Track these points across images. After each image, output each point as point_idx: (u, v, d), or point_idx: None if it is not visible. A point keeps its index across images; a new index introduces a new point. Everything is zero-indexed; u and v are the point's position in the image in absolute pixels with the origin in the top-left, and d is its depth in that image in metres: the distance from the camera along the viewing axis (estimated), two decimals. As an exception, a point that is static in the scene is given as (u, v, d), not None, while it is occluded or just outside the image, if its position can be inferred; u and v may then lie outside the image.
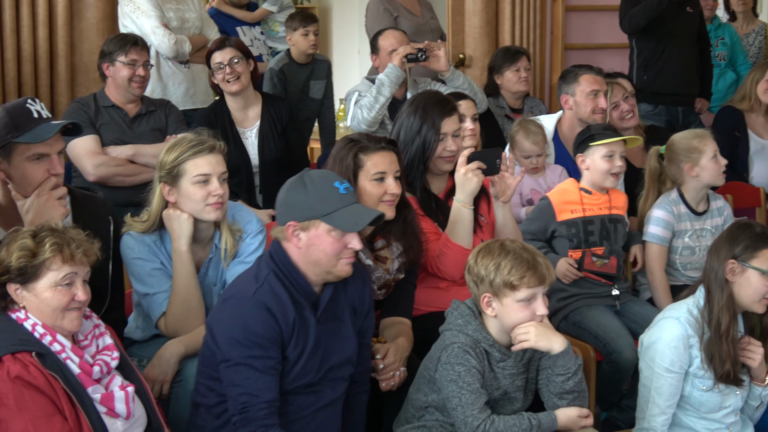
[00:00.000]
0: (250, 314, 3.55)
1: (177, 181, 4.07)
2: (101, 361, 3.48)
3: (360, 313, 3.81)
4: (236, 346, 3.54)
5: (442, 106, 4.70)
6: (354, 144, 4.22)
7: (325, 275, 3.63)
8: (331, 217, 3.57)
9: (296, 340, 3.60)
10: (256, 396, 3.52)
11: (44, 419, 3.23)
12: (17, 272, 3.38)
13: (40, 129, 3.89)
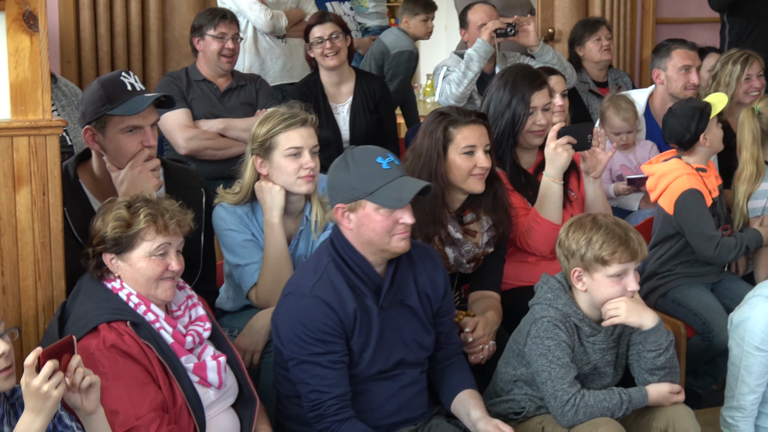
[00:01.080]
0: (308, 311, 3.54)
1: (269, 154, 4.10)
2: (194, 332, 3.52)
3: (435, 297, 3.77)
4: (299, 343, 3.54)
5: (532, 79, 4.67)
6: (444, 117, 4.20)
7: (381, 254, 3.60)
8: (376, 195, 3.53)
9: (359, 331, 3.58)
10: (325, 392, 3.52)
11: (138, 387, 3.28)
12: (112, 242, 3.43)
13: (133, 101, 3.94)
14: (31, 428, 2.91)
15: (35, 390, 2.88)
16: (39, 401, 2.89)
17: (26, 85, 3.52)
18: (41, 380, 2.87)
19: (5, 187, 3.52)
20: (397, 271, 3.66)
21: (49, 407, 2.91)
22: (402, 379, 3.68)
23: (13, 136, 3.52)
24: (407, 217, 3.54)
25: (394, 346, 3.65)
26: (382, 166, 3.54)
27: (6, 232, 3.54)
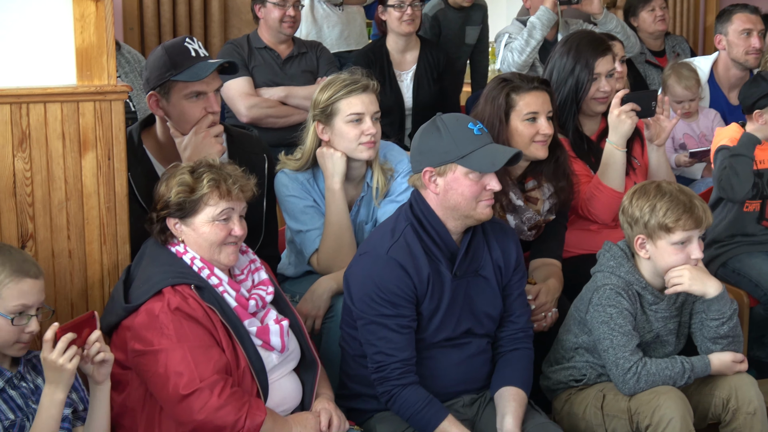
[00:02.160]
0: (383, 271, 3.55)
1: (330, 120, 4.11)
2: (257, 296, 3.55)
3: (506, 270, 3.76)
4: (369, 303, 3.55)
5: (596, 45, 4.63)
6: (506, 83, 4.18)
7: (464, 220, 3.60)
8: (467, 159, 3.52)
9: (431, 296, 3.59)
10: (390, 355, 3.53)
11: (202, 350, 3.31)
12: (176, 207, 3.45)
13: (197, 67, 3.95)
14: (54, 399, 3.06)
15: (52, 363, 3.02)
16: (56, 373, 3.03)
17: (92, 51, 3.55)
18: (56, 354, 3.01)
19: (71, 152, 3.55)
20: (472, 241, 3.66)
21: (65, 379, 3.05)
22: (468, 348, 3.69)
23: (78, 102, 3.54)
24: (495, 183, 3.54)
25: (463, 315, 3.65)
26: (473, 132, 3.55)
27: (72, 197, 3.58)
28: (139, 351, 3.31)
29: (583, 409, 3.77)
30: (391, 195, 4.22)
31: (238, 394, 3.29)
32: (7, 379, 3.19)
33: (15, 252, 3.18)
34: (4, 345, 3.17)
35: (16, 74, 3.51)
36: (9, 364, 3.23)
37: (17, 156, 3.50)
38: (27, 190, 3.52)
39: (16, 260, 3.14)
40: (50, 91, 3.51)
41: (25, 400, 3.21)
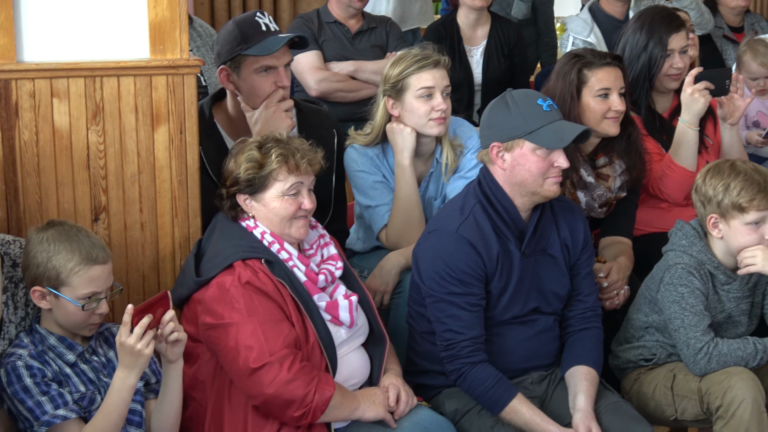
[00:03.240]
0: (453, 249, 3.54)
1: (401, 95, 4.10)
2: (326, 270, 3.55)
3: (574, 249, 3.73)
4: (438, 281, 3.55)
5: (670, 21, 4.57)
6: (578, 59, 4.15)
7: (532, 197, 3.58)
8: (535, 135, 3.50)
9: (500, 275, 3.57)
10: (459, 333, 3.53)
11: (272, 324, 3.33)
12: (246, 183, 3.46)
13: (267, 42, 3.96)
14: (126, 383, 3.06)
15: (129, 348, 3.02)
16: (132, 358, 3.03)
17: (165, 25, 3.57)
18: (134, 339, 3.01)
19: (144, 125, 3.58)
20: (540, 219, 3.64)
21: (141, 364, 3.05)
22: (536, 325, 3.67)
23: (151, 75, 3.57)
24: (562, 160, 3.51)
25: (531, 293, 3.64)
26: (542, 108, 3.53)
27: (144, 170, 3.61)
28: (210, 324, 3.34)
29: (652, 388, 3.74)
30: (460, 171, 4.20)
31: (307, 369, 3.30)
32: (79, 353, 3.23)
33: (83, 237, 3.20)
34: (76, 328, 3.21)
35: (91, 48, 3.55)
36: (81, 338, 3.27)
37: (91, 129, 3.54)
38: (100, 163, 3.56)
39: (84, 247, 3.16)
40: (124, 65, 3.54)
41: (96, 374, 3.25)
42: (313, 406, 3.27)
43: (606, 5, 6.35)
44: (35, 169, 3.51)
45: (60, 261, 3.14)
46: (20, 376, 3.12)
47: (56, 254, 3.15)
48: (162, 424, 3.26)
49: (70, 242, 3.16)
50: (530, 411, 3.49)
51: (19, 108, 3.46)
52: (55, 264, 3.14)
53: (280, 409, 3.29)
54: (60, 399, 3.10)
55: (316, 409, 3.28)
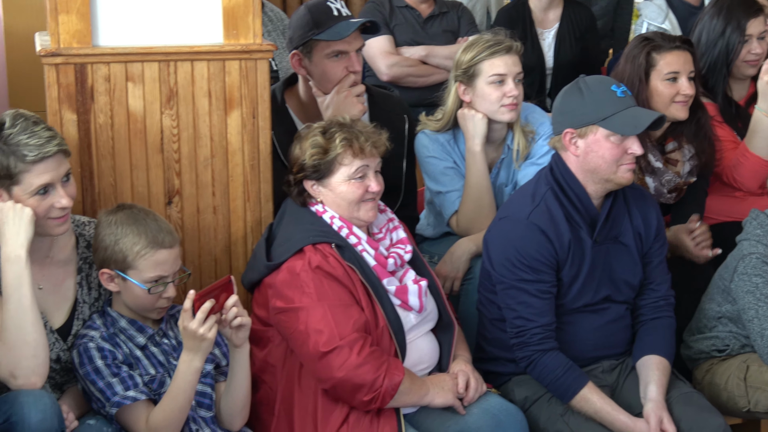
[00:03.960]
0: (523, 236, 3.53)
1: (473, 81, 4.08)
2: (395, 254, 3.55)
3: (646, 237, 3.69)
4: (509, 268, 3.53)
5: (748, 6, 4.51)
6: (647, 42, 4.13)
7: (605, 184, 3.55)
8: (609, 121, 3.47)
9: (571, 262, 3.55)
10: (530, 320, 3.51)
11: (342, 308, 3.34)
12: (312, 169, 3.47)
13: (339, 26, 3.97)
14: (191, 366, 3.10)
15: (192, 332, 3.04)
16: (195, 342, 3.06)
17: (238, 10, 3.58)
18: (197, 324, 3.03)
19: (217, 109, 3.61)
20: (613, 207, 3.61)
21: (204, 347, 3.08)
22: (608, 313, 3.64)
23: (225, 60, 3.59)
24: (636, 147, 3.48)
25: (602, 281, 3.61)
26: (616, 94, 3.50)
27: (217, 154, 3.63)
28: (281, 308, 3.36)
29: (725, 379, 3.70)
30: (531, 157, 4.18)
31: (377, 353, 3.31)
32: (149, 336, 3.27)
33: (150, 221, 3.23)
34: (143, 310, 3.25)
35: (165, 33, 3.57)
36: (151, 321, 3.30)
37: (165, 113, 3.57)
38: (174, 146, 3.59)
39: (151, 231, 3.19)
40: (197, 50, 3.57)
41: (166, 357, 3.28)
42: (382, 391, 3.28)
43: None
44: (110, 153, 3.54)
45: (127, 244, 3.18)
46: (92, 357, 3.16)
47: (123, 237, 3.19)
48: (231, 407, 3.29)
49: (137, 225, 3.20)
50: (601, 400, 3.47)
51: (94, 92, 3.50)
52: (122, 247, 3.18)
53: (349, 393, 3.30)
54: (130, 381, 3.15)
55: (386, 394, 3.28)
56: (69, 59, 3.46)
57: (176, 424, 3.14)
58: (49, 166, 3.12)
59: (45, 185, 3.11)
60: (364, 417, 3.34)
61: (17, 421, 2.87)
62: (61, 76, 3.47)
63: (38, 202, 3.11)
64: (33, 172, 3.10)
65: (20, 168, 3.09)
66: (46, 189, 3.12)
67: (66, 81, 3.47)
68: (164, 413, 3.12)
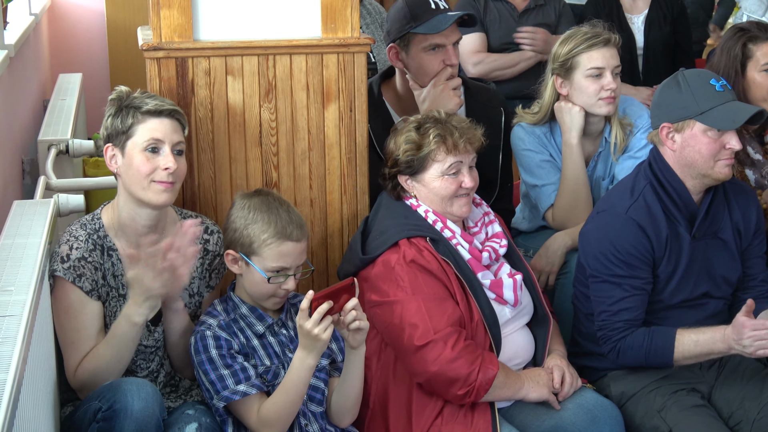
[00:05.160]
0: (621, 231, 3.50)
1: (570, 74, 4.05)
2: (490, 248, 3.55)
3: (746, 234, 3.65)
4: (604, 262, 3.51)
5: None
6: (743, 33, 4.10)
7: (702, 179, 3.51)
8: (707, 116, 3.43)
9: (668, 258, 3.52)
10: (616, 314, 3.49)
11: (437, 302, 3.34)
12: (405, 165, 3.47)
13: (436, 20, 3.98)
14: (305, 363, 3.10)
15: (307, 332, 3.04)
16: (310, 341, 3.06)
17: (336, 3, 3.61)
18: (312, 324, 3.02)
19: (315, 103, 3.64)
20: (713, 202, 3.57)
21: (319, 347, 3.08)
22: (706, 309, 3.60)
23: (323, 53, 3.62)
24: (735, 142, 3.44)
25: (700, 278, 3.57)
26: (716, 88, 3.46)
27: (314, 147, 3.67)
28: (375, 302, 3.38)
29: None
30: (629, 151, 4.14)
31: (471, 347, 3.32)
32: (268, 325, 3.30)
33: (283, 212, 3.25)
34: (260, 298, 3.28)
35: (264, 27, 3.61)
36: (272, 311, 3.33)
37: (263, 106, 3.61)
38: (272, 140, 3.63)
39: (282, 221, 3.22)
40: (296, 43, 3.60)
41: (282, 348, 3.31)
42: (476, 385, 3.28)
43: (783, -17, 6.18)
44: (210, 146, 3.60)
45: (255, 230, 3.22)
46: (207, 346, 3.20)
47: (253, 223, 3.23)
48: (342, 405, 3.30)
49: (269, 214, 3.23)
50: (697, 333, 3.42)
51: (195, 85, 3.55)
52: (250, 232, 3.22)
53: (443, 387, 3.31)
54: (242, 374, 3.17)
55: (480, 388, 3.29)
56: (170, 53, 3.52)
57: (287, 418, 3.16)
58: (164, 124, 3.20)
59: (156, 141, 3.18)
60: (458, 411, 3.35)
61: (120, 409, 2.92)
62: (162, 69, 3.53)
63: (146, 159, 3.18)
64: (147, 124, 3.18)
65: (137, 119, 3.17)
66: (156, 148, 3.19)
67: (167, 75, 3.53)
68: (275, 407, 3.14)
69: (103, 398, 2.97)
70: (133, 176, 3.18)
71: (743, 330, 3.26)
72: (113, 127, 3.20)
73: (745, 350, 3.28)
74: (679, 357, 3.44)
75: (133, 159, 3.17)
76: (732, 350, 3.34)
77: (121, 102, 3.21)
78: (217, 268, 3.43)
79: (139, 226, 3.25)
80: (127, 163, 3.19)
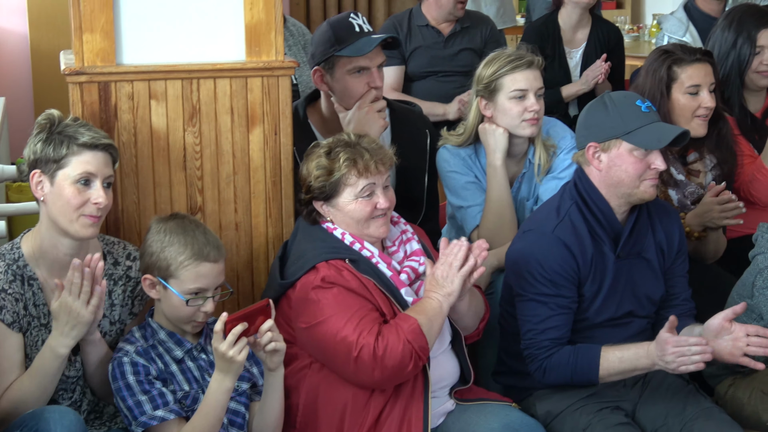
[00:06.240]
0: (547, 250, 3.53)
1: (494, 96, 4.08)
2: (409, 268, 3.53)
3: (669, 253, 3.70)
4: (530, 281, 3.53)
5: (759, 17, 4.56)
6: (668, 55, 4.14)
7: (628, 198, 3.55)
8: (633, 135, 3.47)
9: (593, 277, 3.55)
10: (542, 333, 3.52)
11: (363, 312, 3.31)
12: (318, 191, 3.45)
13: (361, 42, 4.00)
14: (222, 386, 3.09)
15: (222, 354, 3.03)
16: (225, 364, 3.05)
17: (260, 27, 3.61)
18: (227, 346, 3.02)
19: (239, 126, 3.63)
20: (637, 222, 3.61)
21: (234, 369, 3.08)
22: (631, 327, 3.64)
23: (247, 77, 3.62)
24: (660, 162, 3.48)
25: (625, 296, 3.61)
26: (641, 109, 3.51)
27: (239, 171, 3.66)
28: (304, 328, 3.36)
29: (748, 394, 3.69)
30: (553, 172, 4.18)
31: (389, 327, 3.29)
32: (187, 350, 3.28)
33: (199, 234, 3.24)
34: (179, 322, 3.26)
35: (188, 50, 3.61)
36: (191, 335, 3.31)
37: (188, 130, 3.60)
38: (197, 163, 3.62)
39: (198, 243, 3.21)
40: (220, 67, 3.60)
41: (201, 373, 3.29)
42: (415, 347, 3.26)
43: (702, 3, 6.25)
44: (133, 170, 3.58)
45: (172, 253, 3.20)
46: (124, 372, 3.17)
47: (170, 246, 3.21)
48: (262, 428, 3.29)
49: (185, 236, 3.22)
50: (621, 351, 3.45)
51: (118, 110, 3.53)
52: (167, 255, 3.20)
53: (396, 375, 3.29)
54: (160, 399, 3.15)
55: (417, 347, 3.26)
56: (93, 77, 3.50)
57: None
58: (97, 158, 3.18)
59: (89, 174, 3.15)
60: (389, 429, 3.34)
61: None
62: (85, 94, 3.50)
63: (77, 192, 3.15)
64: (82, 157, 3.15)
65: (72, 150, 3.14)
66: (88, 181, 3.16)
67: (90, 99, 3.51)
68: (194, 431, 3.13)
69: (25, 426, 2.93)
70: (61, 207, 3.16)
71: (666, 346, 3.30)
72: (44, 153, 3.16)
73: (668, 366, 3.32)
74: (604, 374, 3.47)
75: (64, 190, 3.15)
76: (656, 366, 3.37)
77: (53, 128, 3.17)
78: (140, 294, 3.40)
79: (61, 254, 3.22)
80: (56, 193, 3.16)
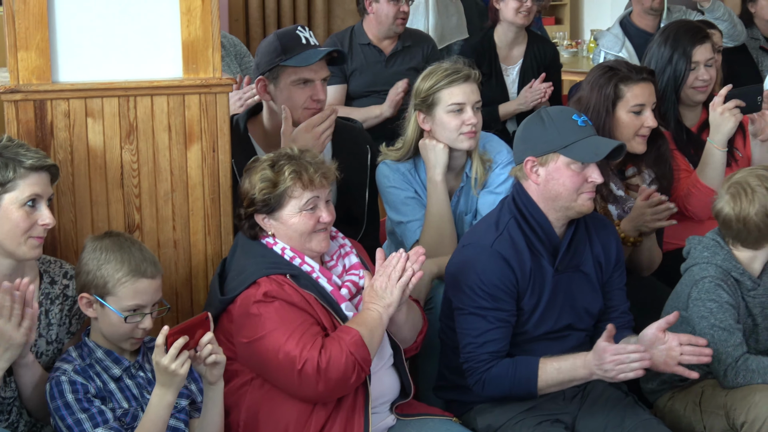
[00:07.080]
0: (486, 264, 3.55)
1: (432, 110, 4.11)
2: (349, 282, 3.55)
3: (607, 266, 3.73)
4: (470, 294, 3.55)
5: (694, 33, 4.62)
6: (614, 73, 4.17)
7: (565, 212, 3.58)
8: (570, 149, 3.51)
9: (532, 291, 3.58)
10: (481, 346, 3.54)
11: (305, 327, 3.31)
12: (262, 204, 3.46)
13: (307, 54, 4.04)
14: (163, 401, 3.08)
15: (163, 368, 3.02)
16: (167, 377, 3.04)
17: (198, 44, 3.61)
18: (169, 359, 3.01)
19: (177, 144, 3.62)
20: (575, 236, 3.64)
21: (176, 383, 3.06)
22: (569, 340, 3.67)
23: (184, 94, 3.61)
24: (597, 176, 3.52)
25: (563, 310, 3.64)
26: (578, 123, 3.54)
27: (177, 188, 3.65)
28: (245, 343, 3.35)
29: (684, 406, 3.73)
30: (489, 186, 4.21)
31: (331, 341, 3.29)
32: (125, 368, 3.26)
33: (135, 250, 3.23)
34: (118, 340, 3.24)
35: (125, 68, 3.59)
36: (129, 353, 3.29)
37: (125, 148, 3.58)
38: (134, 181, 3.61)
39: (134, 259, 3.19)
40: (157, 84, 3.59)
41: (140, 390, 3.27)
42: (358, 359, 3.26)
43: (637, 19, 6.34)
44: (70, 188, 3.56)
45: (109, 270, 3.18)
46: (63, 391, 3.14)
47: (106, 263, 3.19)
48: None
49: (121, 253, 3.20)
50: (559, 361, 3.48)
51: (54, 128, 3.51)
52: (104, 273, 3.18)
53: (340, 388, 3.29)
54: (100, 417, 3.12)
55: (360, 358, 3.27)
56: (28, 96, 3.48)
57: None
58: (43, 178, 3.17)
59: (37, 195, 3.14)
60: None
61: None
62: (20, 112, 3.48)
63: (25, 215, 3.14)
64: (29, 180, 3.14)
65: (18, 174, 3.12)
66: (35, 203, 3.15)
67: (26, 117, 3.49)
68: None
69: None
70: (9, 231, 3.14)
71: (604, 355, 3.33)
72: None
73: (607, 374, 3.35)
74: (542, 385, 3.49)
75: (12, 214, 3.13)
76: (594, 375, 3.40)
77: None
78: (77, 313, 3.38)
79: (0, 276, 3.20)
80: (2, 217, 3.14)
